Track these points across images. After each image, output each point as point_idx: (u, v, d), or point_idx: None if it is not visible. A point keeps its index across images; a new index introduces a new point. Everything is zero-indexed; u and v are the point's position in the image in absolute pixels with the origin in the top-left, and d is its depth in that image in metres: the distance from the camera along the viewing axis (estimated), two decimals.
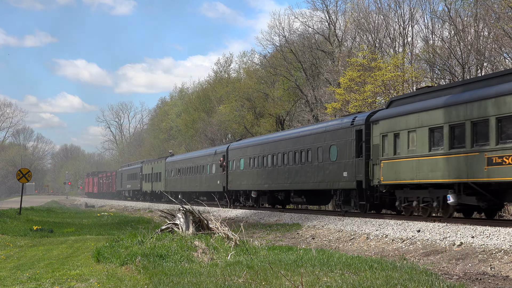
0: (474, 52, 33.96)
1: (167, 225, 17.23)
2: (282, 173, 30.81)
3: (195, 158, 47.47)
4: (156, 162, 60.57)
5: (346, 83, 38.28)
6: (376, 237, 18.44)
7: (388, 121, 22.17)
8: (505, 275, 12.13)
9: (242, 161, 36.20)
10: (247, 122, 59.68)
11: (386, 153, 22.10)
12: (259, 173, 33.60)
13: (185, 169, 49.39)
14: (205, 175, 43.84)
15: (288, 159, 30.26)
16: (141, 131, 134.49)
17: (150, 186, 61.79)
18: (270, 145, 32.71)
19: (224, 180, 39.08)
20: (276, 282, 10.40)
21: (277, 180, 31.35)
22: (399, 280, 10.46)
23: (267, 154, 32.64)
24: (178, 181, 51.60)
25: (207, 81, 78.48)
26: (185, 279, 10.87)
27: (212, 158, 42.24)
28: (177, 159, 53.66)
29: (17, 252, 18.21)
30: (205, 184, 43.70)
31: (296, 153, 29.49)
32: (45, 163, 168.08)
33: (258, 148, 34.19)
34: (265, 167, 32.79)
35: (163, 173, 56.61)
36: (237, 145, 38.58)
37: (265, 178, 32.59)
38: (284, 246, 16.65)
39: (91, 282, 11.57)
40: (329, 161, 26.37)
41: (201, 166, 44.98)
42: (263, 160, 33.09)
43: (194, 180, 46.57)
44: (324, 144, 26.88)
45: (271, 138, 33.68)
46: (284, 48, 52.99)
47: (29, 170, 38.50)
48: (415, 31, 43.13)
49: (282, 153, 31.00)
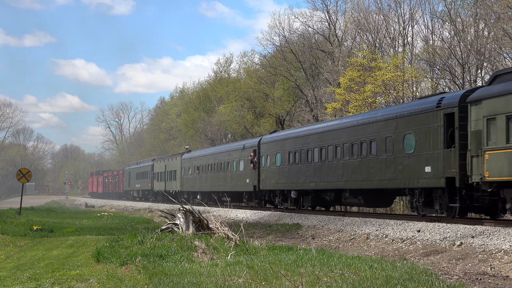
0: (474, 52, 33.96)
1: (167, 225, 17.24)
2: (334, 169, 26.15)
3: (218, 154, 42.22)
4: (170, 159, 55.62)
5: (346, 83, 38.28)
6: (376, 237, 18.44)
7: (496, 101, 17.40)
8: (505, 275, 12.13)
9: (278, 156, 31.54)
10: (247, 122, 59.68)
11: (493, 141, 17.40)
12: (301, 169, 28.92)
13: (206, 167, 44.22)
14: (230, 173, 38.94)
15: (342, 152, 25.53)
16: (141, 131, 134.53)
17: (163, 186, 56.92)
18: (317, 136, 27.78)
19: (255, 178, 34.38)
20: (276, 282, 10.40)
21: (326, 177, 26.74)
22: (399, 280, 10.46)
23: (313, 147, 27.85)
24: (197, 180, 46.22)
25: (207, 81, 78.55)
26: (185, 279, 10.87)
27: (240, 154, 37.41)
28: (196, 155, 48.06)
29: (17, 252, 18.21)
30: (231, 183, 38.80)
31: (354, 145, 24.58)
32: (45, 163, 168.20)
33: (301, 141, 29.24)
34: (310, 163, 28.08)
35: (178, 171, 51.51)
36: (272, 137, 33.43)
37: (310, 175, 28.05)
38: (284, 246, 16.65)
39: (91, 282, 11.57)
40: (403, 153, 21.47)
41: (226, 163, 39.98)
42: (308, 154, 28.40)
43: (217, 178, 41.58)
44: (395, 133, 21.95)
45: (319, 128, 28.55)
46: (284, 48, 52.99)
47: (29, 170, 38.52)
48: (415, 31, 43.17)
49: (334, 146, 26.05)
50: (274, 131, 35.36)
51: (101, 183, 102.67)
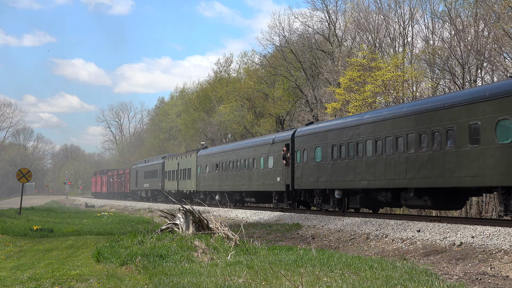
0: (474, 52, 33.96)
1: (167, 225, 17.24)
2: (393, 164, 22.23)
3: (241, 150, 37.98)
4: (184, 156, 51.78)
5: (346, 83, 38.29)
6: (376, 237, 18.44)
7: None
8: (505, 275, 12.13)
9: (318, 150, 27.55)
10: (247, 122, 59.70)
11: None
12: (349, 165, 25.18)
13: (226, 164, 40.00)
14: (256, 171, 34.80)
15: (406, 144, 21.44)
16: (141, 131, 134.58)
17: (176, 185, 53.00)
18: (371, 126, 23.79)
19: (288, 176, 30.49)
20: (276, 282, 10.40)
21: (383, 174, 22.88)
22: (399, 280, 10.46)
23: (365, 139, 24.07)
24: (216, 178, 41.92)
25: (207, 81, 78.59)
26: (185, 279, 10.87)
27: (268, 149, 33.39)
28: (214, 151, 44.03)
29: (17, 252, 18.21)
30: (257, 182, 34.62)
31: (423, 135, 20.58)
32: (45, 163, 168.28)
33: (349, 132, 25.28)
34: (361, 157, 24.30)
35: (193, 169, 47.40)
36: (309, 130, 29.26)
37: (361, 172, 24.26)
38: (284, 246, 16.66)
39: (91, 282, 11.57)
40: (494, 144, 17.53)
41: (251, 160, 35.76)
42: (357, 147, 24.68)
43: (240, 177, 37.38)
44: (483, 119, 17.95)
45: (374, 116, 24.12)
46: (284, 48, 53.02)
47: (29, 170, 38.53)
48: (415, 31, 43.26)
49: (395, 137, 22.16)
50: (310, 122, 30.98)
51: (106, 182, 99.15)
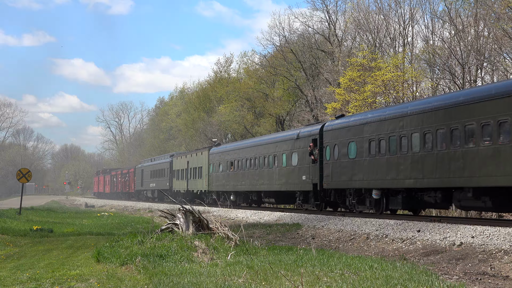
0: (474, 52, 33.97)
1: (167, 225, 17.25)
2: (448, 160, 19.39)
3: (260, 146, 34.99)
4: (194, 154, 48.65)
5: (346, 83, 38.30)
6: (376, 237, 18.44)
7: None
8: (505, 275, 12.13)
9: (352, 145, 24.97)
10: (247, 122, 59.70)
11: None
12: (390, 162, 22.32)
13: (243, 162, 37.08)
14: (278, 169, 32.01)
15: (464, 137, 18.71)
16: (141, 131, 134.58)
17: (185, 185, 50.10)
18: (419, 117, 20.91)
19: (316, 174, 27.77)
20: (276, 282, 10.40)
21: (434, 172, 20.06)
22: (399, 280, 10.46)
23: (411, 132, 21.10)
24: (230, 177, 39.06)
25: (207, 81, 78.65)
26: (185, 279, 10.87)
27: (292, 145, 30.61)
28: (229, 148, 40.95)
29: (17, 252, 18.21)
30: (279, 181, 31.91)
31: (486, 126, 17.82)
32: (45, 163, 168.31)
33: (390, 125, 22.43)
34: (406, 153, 21.36)
35: (205, 168, 44.51)
36: (341, 123, 26.44)
37: (406, 169, 21.43)
38: (284, 246, 16.66)
39: (91, 282, 11.57)
40: None
41: (272, 157, 32.95)
42: (401, 142, 21.70)
43: (259, 176, 34.59)
44: None
45: (423, 106, 21.18)
46: (284, 48, 53.04)
47: (29, 170, 38.57)
48: (415, 31, 43.19)
49: (449, 129, 19.27)
50: (341, 115, 28.07)
51: (109, 182, 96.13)
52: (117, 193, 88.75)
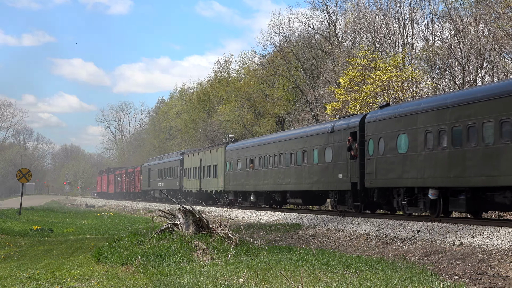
0: (474, 52, 33.98)
1: (167, 225, 17.24)
2: None
3: (286, 142, 31.67)
4: (208, 151, 45.23)
5: (346, 83, 38.30)
6: (376, 237, 18.44)
7: None
8: (505, 275, 12.13)
9: (402, 138, 21.66)
10: (247, 122, 59.71)
11: None
12: (452, 157, 19.23)
13: (265, 159, 33.84)
14: (308, 166, 28.80)
15: None
16: (141, 131, 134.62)
17: (197, 184, 46.83)
18: (490, 105, 17.94)
19: (355, 171, 24.83)
20: (276, 282, 10.40)
21: None
22: (399, 280, 10.46)
23: (481, 121, 18.03)
24: (250, 176, 35.69)
25: (207, 81, 78.69)
26: (185, 279, 10.88)
27: (325, 139, 27.37)
28: (248, 144, 37.63)
29: (17, 252, 18.22)
30: (309, 180, 28.76)
31: None
32: (45, 163, 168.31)
33: (453, 113, 19.36)
34: (475, 146, 18.23)
35: (220, 166, 41.44)
36: (387, 113, 23.10)
37: (474, 165, 18.31)
38: (284, 246, 16.66)
39: (91, 282, 11.58)
40: None
41: (301, 153, 29.77)
42: (468, 132, 18.57)
43: (284, 174, 31.35)
44: None
45: (494, 92, 18.10)
46: (284, 48, 53.05)
47: (29, 170, 38.59)
48: (415, 31, 43.21)
49: None
50: (386, 105, 24.65)
51: (112, 182, 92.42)
52: (121, 193, 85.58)
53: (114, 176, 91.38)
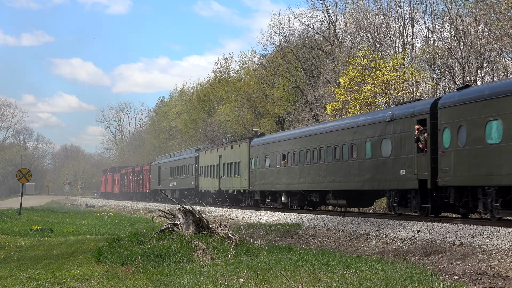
0: (474, 52, 33.98)
1: (167, 225, 17.24)
2: None
3: (328, 134, 27.57)
4: (229, 147, 41.30)
5: (346, 83, 38.31)
6: (376, 237, 18.44)
7: None
8: (505, 275, 12.13)
9: (494, 125, 17.78)
10: (247, 122, 59.72)
11: None
12: None
13: (300, 154, 29.78)
14: (358, 162, 24.85)
15: None
16: (141, 131, 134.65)
17: (216, 183, 43.05)
18: None
19: (425, 167, 20.79)
20: (276, 282, 10.40)
21: None
22: (399, 280, 10.46)
23: None
24: (282, 174, 31.68)
25: (207, 81, 78.75)
26: (185, 279, 10.88)
27: (382, 129, 23.29)
28: (279, 138, 33.25)
29: (17, 252, 18.21)
30: (359, 178, 24.80)
31: None
32: (45, 163, 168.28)
33: None
34: None
35: (243, 163, 37.50)
36: (469, 96, 19.05)
37: None
38: (284, 246, 16.66)
39: (91, 282, 11.58)
40: None
41: (348, 146, 25.69)
42: None
43: (326, 171, 27.41)
44: None
45: None
46: (284, 48, 53.08)
47: (29, 170, 38.59)
48: (415, 31, 43.26)
49: None
50: (465, 86, 20.24)
51: (118, 181, 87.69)
52: (127, 193, 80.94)
53: (119, 175, 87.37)
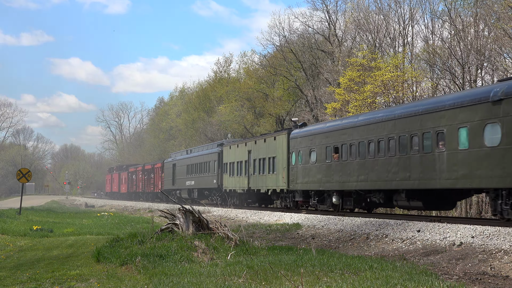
0: (474, 52, 33.98)
1: (167, 225, 17.24)
2: None
3: (400, 120, 22.17)
4: (261, 140, 36.47)
5: (346, 83, 38.32)
6: (376, 237, 18.43)
7: None
8: (505, 275, 12.13)
9: None
10: (247, 122, 59.73)
11: None
12: None
13: (360, 146, 24.66)
14: (446, 154, 19.57)
15: None
16: (141, 131, 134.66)
17: (244, 182, 38.38)
18: None
19: None
20: (276, 282, 10.40)
21: None
22: (399, 280, 10.46)
23: None
24: (334, 170, 26.62)
25: (207, 81, 78.77)
26: (185, 279, 10.88)
27: (483, 112, 18.26)
28: (329, 128, 27.84)
29: (17, 252, 18.21)
30: (449, 174, 19.51)
31: None
32: (45, 163, 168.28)
33: None
34: None
35: (280, 158, 32.70)
36: None
37: None
38: (284, 246, 16.66)
39: (91, 282, 11.58)
40: None
41: (432, 134, 20.31)
42: None
43: (398, 165, 22.06)
44: None
45: None
46: (284, 48, 53.10)
47: (29, 170, 38.58)
48: (415, 31, 43.26)
49: None
50: None
51: (125, 180, 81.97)
52: (136, 193, 75.27)
53: (127, 174, 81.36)
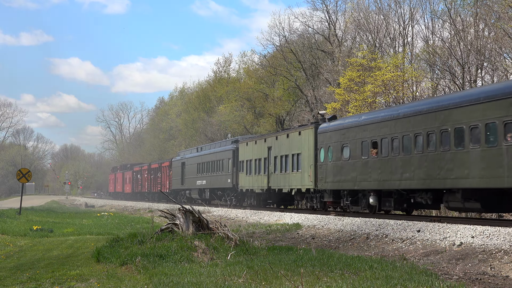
0: (474, 52, 33.98)
1: (167, 225, 17.23)
2: None
3: (454, 110, 19.56)
4: (283, 136, 33.54)
5: (346, 83, 38.31)
6: (376, 237, 18.43)
7: None
8: (505, 275, 12.13)
9: None
10: (247, 122, 59.73)
11: None
12: None
13: (405, 140, 22.04)
14: None
15: None
16: (141, 131, 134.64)
17: (264, 181, 35.56)
18: None
19: None
20: (276, 282, 10.40)
21: None
22: (399, 280, 10.46)
23: None
24: (372, 167, 24.02)
25: (207, 81, 78.78)
26: (185, 279, 10.87)
27: None
28: (365, 121, 25.13)
29: (17, 252, 18.21)
30: None
31: None
32: (45, 163, 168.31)
33: None
34: None
35: (307, 155, 30.03)
36: None
37: None
38: (284, 246, 16.66)
39: (91, 282, 11.58)
40: None
41: (498, 125, 17.50)
42: None
43: (454, 161, 19.37)
44: None
45: None
46: (284, 48, 53.11)
47: (29, 170, 38.58)
48: (415, 31, 43.27)
49: None
50: None
51: (129, 180, 78.90)
52: (142, 193, 72.41)
53: (131, 173, 78.13)
